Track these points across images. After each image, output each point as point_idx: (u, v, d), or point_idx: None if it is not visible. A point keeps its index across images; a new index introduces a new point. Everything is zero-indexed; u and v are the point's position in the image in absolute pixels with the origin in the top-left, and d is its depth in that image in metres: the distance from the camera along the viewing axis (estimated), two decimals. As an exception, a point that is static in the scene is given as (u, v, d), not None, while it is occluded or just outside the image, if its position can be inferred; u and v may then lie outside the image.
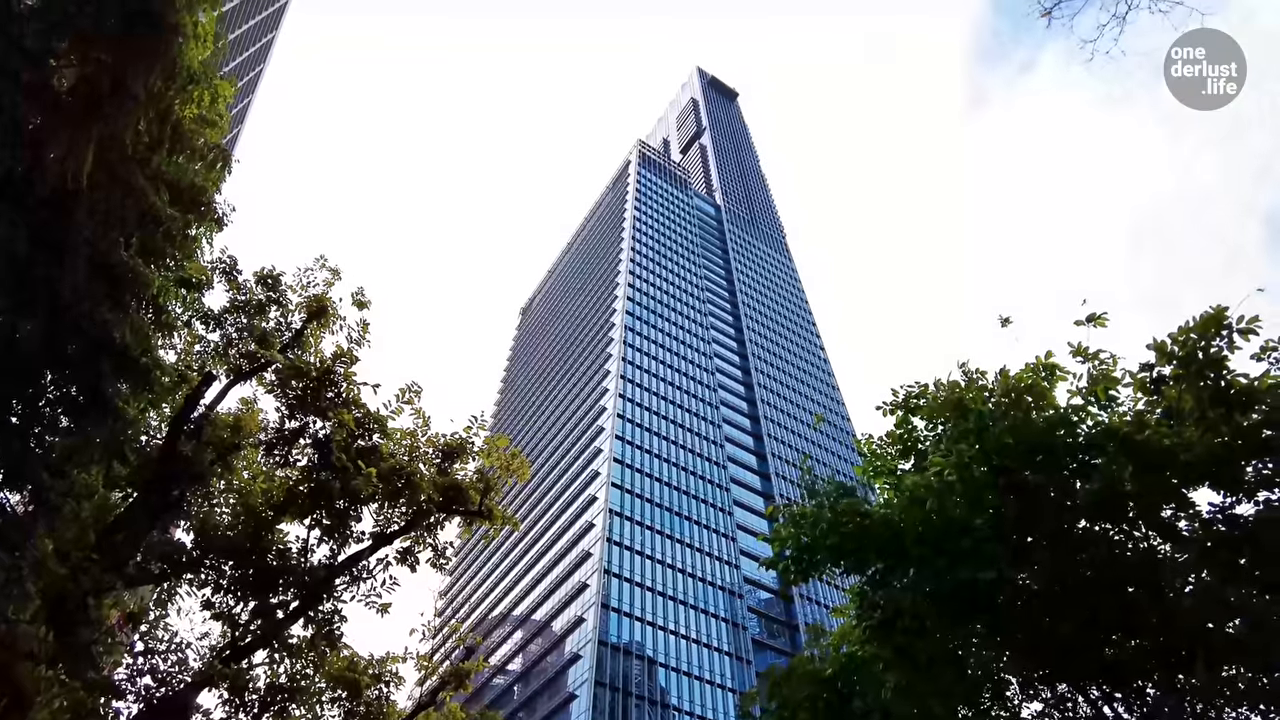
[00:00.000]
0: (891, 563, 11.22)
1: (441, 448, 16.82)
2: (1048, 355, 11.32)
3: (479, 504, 16.72)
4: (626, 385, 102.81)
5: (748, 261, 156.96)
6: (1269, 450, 9.72)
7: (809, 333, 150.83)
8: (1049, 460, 10.57)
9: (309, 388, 15.81)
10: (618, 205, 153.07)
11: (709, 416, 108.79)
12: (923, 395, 12.07)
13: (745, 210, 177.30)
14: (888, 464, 12.48)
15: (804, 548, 11.64)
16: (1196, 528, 10.26)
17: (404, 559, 17.01)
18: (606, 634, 73.33)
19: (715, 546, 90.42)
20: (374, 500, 16.22)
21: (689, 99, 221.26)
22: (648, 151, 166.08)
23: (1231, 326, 9.65)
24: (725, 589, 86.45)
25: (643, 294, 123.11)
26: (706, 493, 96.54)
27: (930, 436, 12.05)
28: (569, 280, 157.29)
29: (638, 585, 79.38)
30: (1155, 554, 10.46)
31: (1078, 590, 10.27)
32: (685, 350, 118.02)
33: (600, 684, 69.14)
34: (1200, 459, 9.76)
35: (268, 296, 15.73)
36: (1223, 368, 9.74)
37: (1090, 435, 10.66)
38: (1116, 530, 10.82)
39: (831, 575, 12.30)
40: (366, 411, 16.15)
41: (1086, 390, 10.95)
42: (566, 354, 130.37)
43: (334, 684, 16.39)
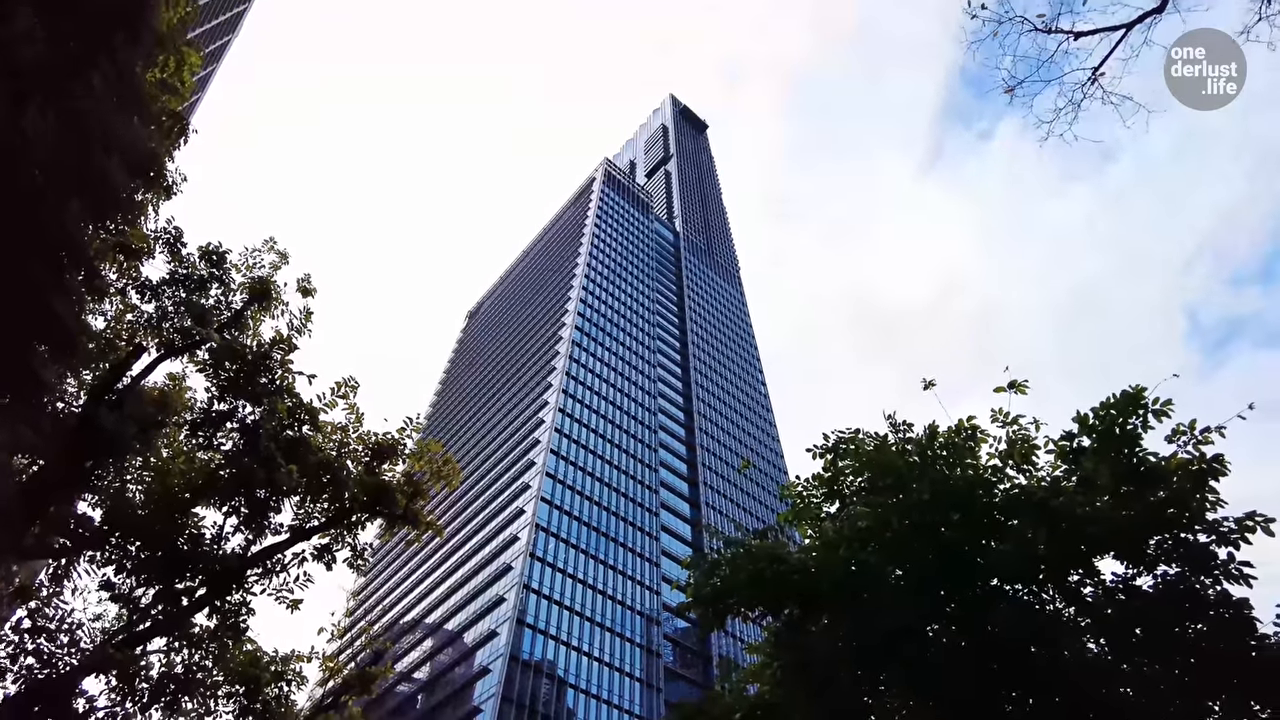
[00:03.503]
0: (808, 608, 11.38)
1: (372, 446, 16.49)
2: (970, 418, 11.74)
3: (404, 508, 16.43)
4: (567, 400, 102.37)
5: (700, 291, 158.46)
6: (1170, 527, 10.25)
7: (753, 368, 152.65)
8: (966, 518, 10.91)
9: (243, 371, 15.36)
10: (578, 220, 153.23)
11: (646, 440, 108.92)
12: (852, 442, 12.34)
13: (703, 240, 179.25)
14: (812, 509, 12.69)
15: (719, 593, 11.70)
16: (1100, 595, 10.70)
17: (321, 556, 16.57)
18: (519, 650, 72.27)
19: (638, 571, 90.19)
20: (297, 493, 15.80)
21: (659, 125, 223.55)
22: (614, 171, 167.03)
23: (1148, 406, 10.20)
24: (643, 614, 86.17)
25: (594, 311, 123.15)
26: (635, 516, 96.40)
27: (856, 484, 12.32)
28: (520, 289, 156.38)
29: (556, 603, 78.56)
30: (1059, 617, 10.86)
31: (984, 646, 10.58)
32: (630, 371, 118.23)
33: (507, 700, 67.99)
34: (1109, 530, 10.21)
35: (210, 273, 15.28)
36: (1137, 445, 10.25)
37: (1008, 497, 11.05)
38: (1025, 591, 11.21)
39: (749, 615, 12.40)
40: (299, 401, 15.77)
41: (1005, 453, 11.38)
42: (510, 363, 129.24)
43: (232, 679, 15.78)
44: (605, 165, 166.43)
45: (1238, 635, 9.38)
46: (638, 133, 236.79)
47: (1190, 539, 10.14)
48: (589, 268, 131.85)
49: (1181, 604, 9.92)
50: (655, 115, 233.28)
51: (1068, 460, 11.04)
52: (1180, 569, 10.26)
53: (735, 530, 12.68)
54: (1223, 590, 9.74)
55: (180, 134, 13.53)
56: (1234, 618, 9.42)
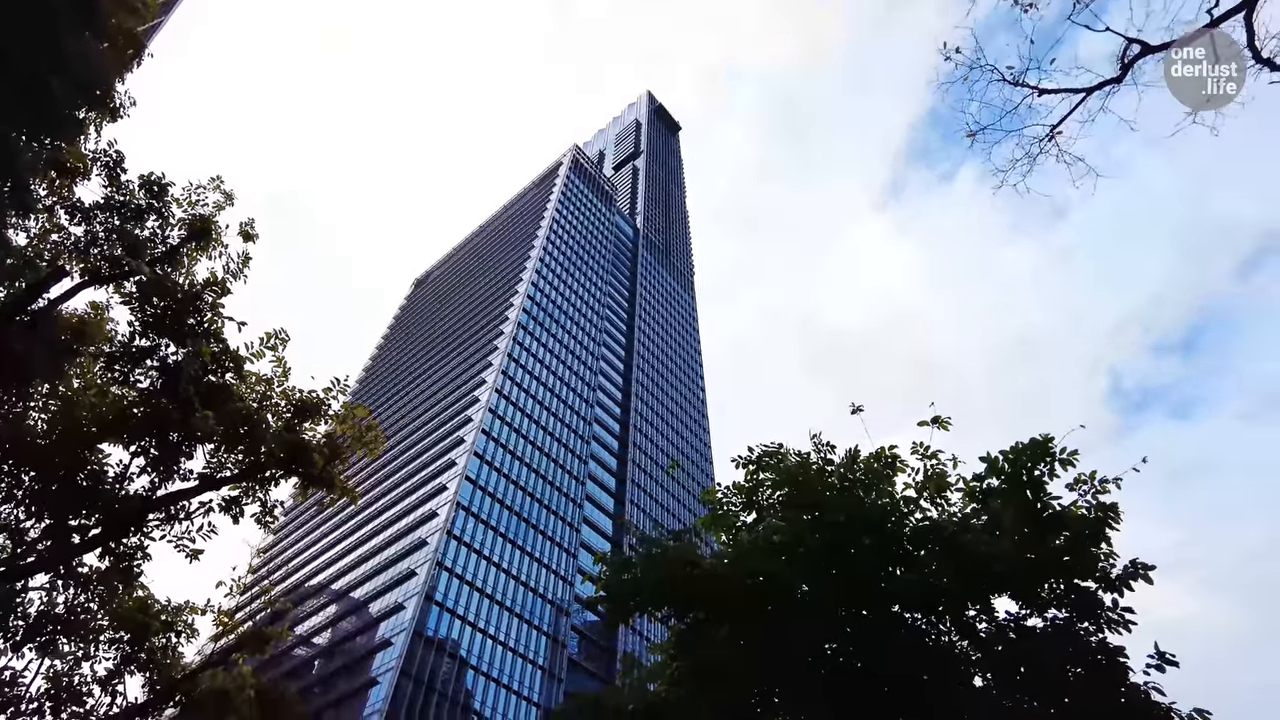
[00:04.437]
0: (714, 613, 11.52)
1: (296, 403, 16.08)
2: (892, 447, 12.07)
3: (321, 469, 16.07)
4: (505, 382, 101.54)
5: (653, 290, 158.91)
6: (1065, 572, 10.72)
7: (694, 373, 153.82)
8: (877, 544, 11.21)
9: (171, 309, 14.81)
10: (540, 202, 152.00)
11: (580, 431, 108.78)
12: (775, 456, 12.55)
13: (661, 240, 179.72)
14: (730, 517, 12.85)
15: (629, 589, 11.76)
16: (993, 631, 11.12)
17: (229, 508, 16.10)
18: (424, 626, 71.45)
19: (555, 560, 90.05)
20: (212, 441, 15.32)
21: (633, 119, 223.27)
22: (582, 159, 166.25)
23: (1055, 455, 10.67)
24: (554, 604, 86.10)
25: (543, 295, 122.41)
26: (559, 505, 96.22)
27: (775, 497, 12.53)
28: (472, 264, 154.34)
29: (467, 583, 77.91)
30: (953, 649, 11.24)
31: (879, 668, 10.88)
32: (572, 360, 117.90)
33: (406, 674, 67.16)
34: (1010, 570, 10.62)
35: (149, 204, 14.69)
36: (1042, 490, 10.69)
37: (918, 527, 11.39)
38: (924, 621, 11.57)
39: (656, 615, 12.47)
40: (226, 348, 15.28)
41: (921, 485, 11.73)
42: (451, 337, 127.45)
43: (118, 624, 15.24)
44: (574, 151, 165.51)
45: (1111, 682, 9.85)
46: (610, 124, 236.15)
47: (1081, 585, 10.62)
48: (544, 252, 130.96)
49: (1066, 647, 10.37)
50: (630, 110, 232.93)
51: (977, 499, 11.44)
52: (1069, 613, 10.73)
53: (656, 529, 12.75)
54: (1103, 638, 10.23)
55: (135, 56, 12.99)
56: (1109, 664, 9.89)
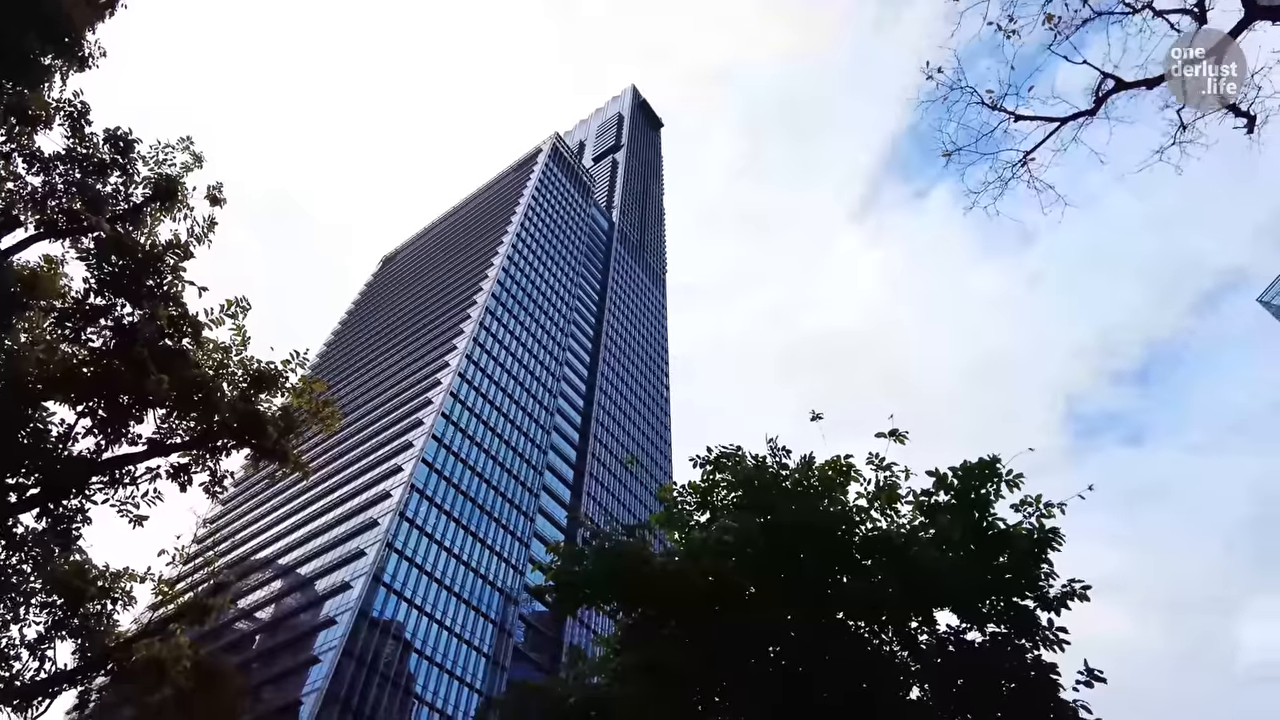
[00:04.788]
0: (662, 610, 11.60)
1: (253, 373, 15.77)
2: (847, 457, 12.25)
3: (275, 442, 15.81)
4: (469, 366, 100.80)
5: (624, 284, 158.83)
6: (1007, 590, 10.99)
7: (660, 370, 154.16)
8: (827, 550, 11.37)
9: (129, 268, 14.45)
10: (516, 187, 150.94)
11: (541, 421, 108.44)
12: (732, 458, 12.67)
13: (636, 235, 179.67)
14: (684, 515, 12.94)
15: (579, 581, 11.78)
16: (933, 643, 11.36)
17: (177, 475, 15.75)
18: (370, 606, 70.77)
19: (507, 548, 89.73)
20: (164, 406, 14.98)
21: (616, 112, 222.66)
22: (562, 148, 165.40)
23: (1002, 476, 10.93)
24: (503, 592, 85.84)
25: (513, 282, 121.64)
26: (515, 494, 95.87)
27: (729, 499, 12.64)
28: (442, 245, 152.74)
29: (417, 566, 77.29)
30: (894, 659, 11.45)
31: (821, 675, 11.05)
32: (538, 349, 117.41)
33: (349, 654, 66.49)
34: (954, 585, 10.85)
35: (113, 159, 14.31)
36: (988, 509, 10.95)
37: (867, 537, 11.58)
38: (868, 629, 11.77)
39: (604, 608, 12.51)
40: (184, 313, 14.95)
41: (873, 496, 11.93)
42: (417, 318, 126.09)
43: (52, 588, 14.85)
44: (554, 140, 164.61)
45: (1042, 698, 10.14)
46: (592, 115, 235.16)
47: (1020, 603, 10.90)
48: (518, 238, 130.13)
49: (1002, 662, 10.65)
50: (614, 102, 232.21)
51: (926, 513, 11.67)
52: (1007, 629, 11.01)
53: (611, 523, 12.77)
54: (1038, 655, 10.51)
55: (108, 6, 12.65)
56: (1041, 681, 10.18)
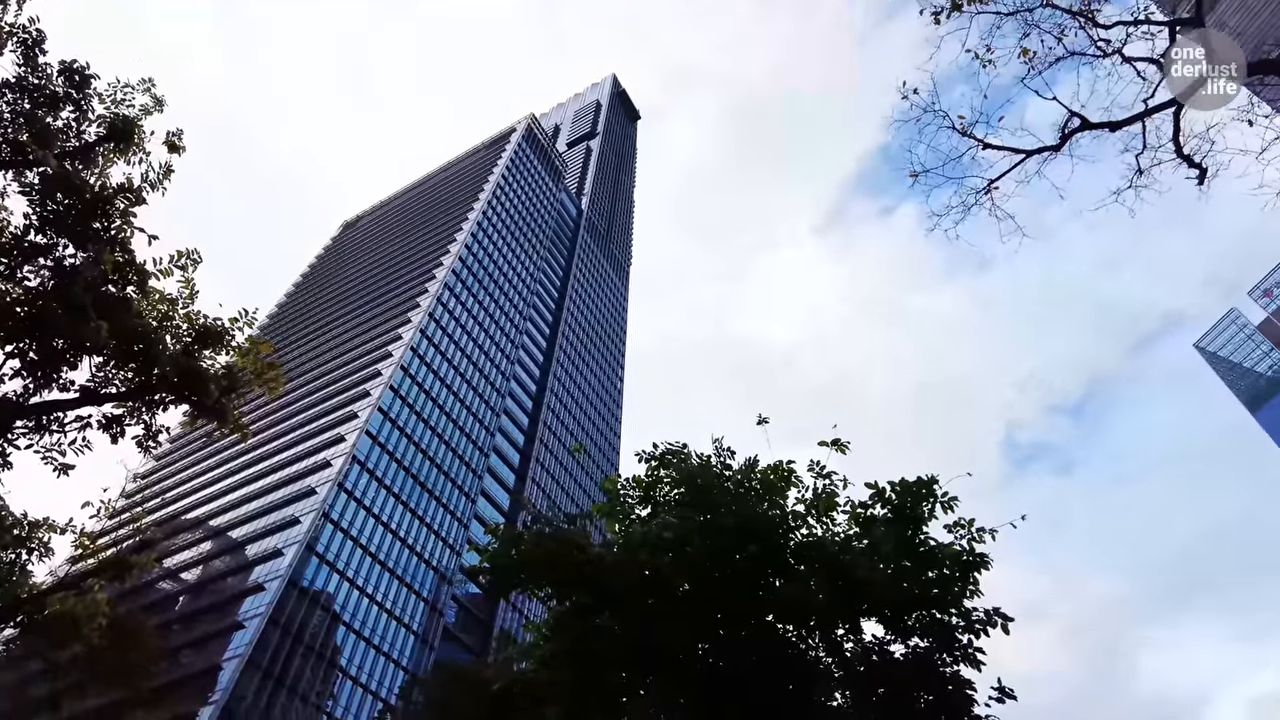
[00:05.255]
0: (596, 600, 11.63)
1: (198, 328, 15.28)
2: (789, 462, 12.42)
3: (215, 400, 15.38)
4: (422, 341, 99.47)
5: (587, 273, 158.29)
6: (932, 606, 11.26)
7: (616, 362, 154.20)
8: (762, 553, 11.52)
9: (75, 208, 13.88)
10: (486, 165, 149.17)
11: (491, 402, 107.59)
12: (677, 456, 12.75)
13: (604, 225, 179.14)
14: (626, 508, 12.98)
15: (514, 565, 11.75)
16: (858, 652, 11.59)
17: (109, 426, 15.21)
18: (300, 576, 69.55)
19: (445, 527, 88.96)
20: (101, 354, 14.45)
21: (594, 100, 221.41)
22: (536, 130, 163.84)
23: (938, 496, 11.21)
24: (438, 570, 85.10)
25: (475, 260, 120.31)
26: (458, 474, 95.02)
27: (671, 495, 12.72)
28: (406, 216, 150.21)
29: (352, 539, 76.15)
30: (818, 664, 11.66)
31: (747, 675, 11.19)
32: (494, 330, 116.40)
33: (274, 622, 65.28)
34: (882, 596, 11.09)
35: (68, 93, 13.73)
36: (922, 526, 11.21)
37: (802, 543, 11.76)
38: (795, 633, 11.96)
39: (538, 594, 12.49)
40: (131, 260, 14.43)
41: (811, 502, 12.12)
42: (373, 287, 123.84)
43: (-35, 532, 14.28)
44: (529, 121, 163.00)
45: (957, 711, 10.44)
46: (570, 100, 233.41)
47: (944, 619, 11.19)
48: (484, 216, 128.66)
49: (922, 675, 10.92)
50: (593, 89, 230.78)
51: (861, 524, 11.89)
52: (930, 643, 11.29)
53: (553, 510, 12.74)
54: (956, 670, 10.81)
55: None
56: (958, 694, 10.48)
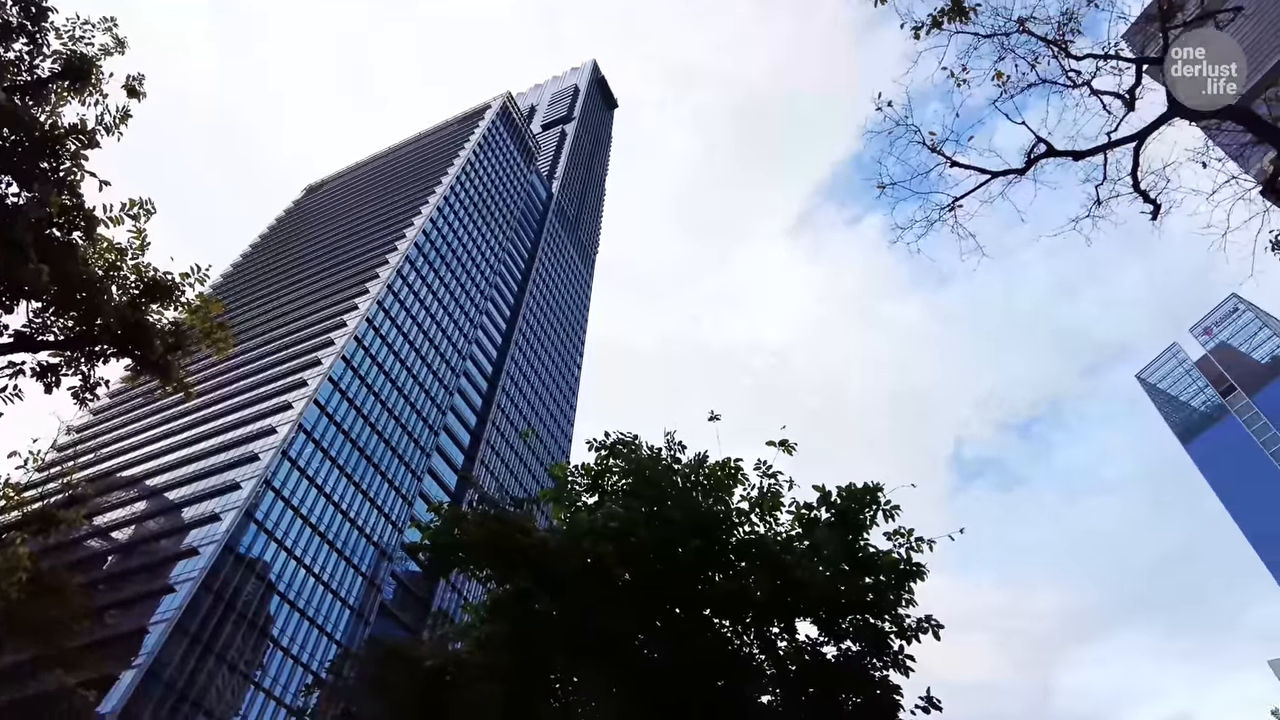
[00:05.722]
0: (536, 585, 11.60)
1: (147, 280, 14.77)
2: (738, 460, 12.54)
3: (159, 356, 14.92)
4: (378, 313, 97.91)
5: (553, 257, 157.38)
6: (867, 611, 11.47)
7: (575, 349, 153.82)
8: (704, 547, 11.61)
9: (22, 145, 13.31)
10: (458, 139, 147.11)
11: (445, 380, 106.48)
12: (629, 445, 12.77)
13: (573, 211, 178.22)
14: (573, 495, 12.97)
15: (456, 544, 11.67)
16: (791, 651, 11.76)
17: (44, 375, 14.65)
18: (237, 542, 68.17)
19: (389, 503, 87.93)
20: (40, 299, 13.92)
21: (573, 84, 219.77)
22: (512, 109, 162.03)
23: (881, 503, 11.42)
24: (379, 546, 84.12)
25: (440, 234, 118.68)
26: (406, 450, 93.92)
27: (619, 485, 12.74)
28: (372, 185, 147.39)
29: (292, 508, 74.83)
30: (751, 661, 11.80)
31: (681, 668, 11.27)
32: (454, 308, 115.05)
33: (206, 587, 63.88)
34: (819, 597, 11.26)
35: (22, 24, 13.15)
36: (864, 532, 11.41)
37: (744, 540, 11.88)
38: (731, 629, 12.08)
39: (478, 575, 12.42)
40: (80, 204, 13.89)
41: (756, 501, 12.25)
42: (333, 254, 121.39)
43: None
44: (505, 99, 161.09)
45: (883, 714, 10.67)
46: (549, 82, 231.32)
47: (878, 625, 11.40)
48: (451, 190, 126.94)
49: (852, 678, 11.13)
50: (572, 73, 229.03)
51: (804, 525, 12.05)
52: (862, 647, 11.51)
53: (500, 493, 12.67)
54: (885, 675, 11.04)
55: None
56: (885, 699, 10.71)
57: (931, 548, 11.38)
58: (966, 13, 11.90)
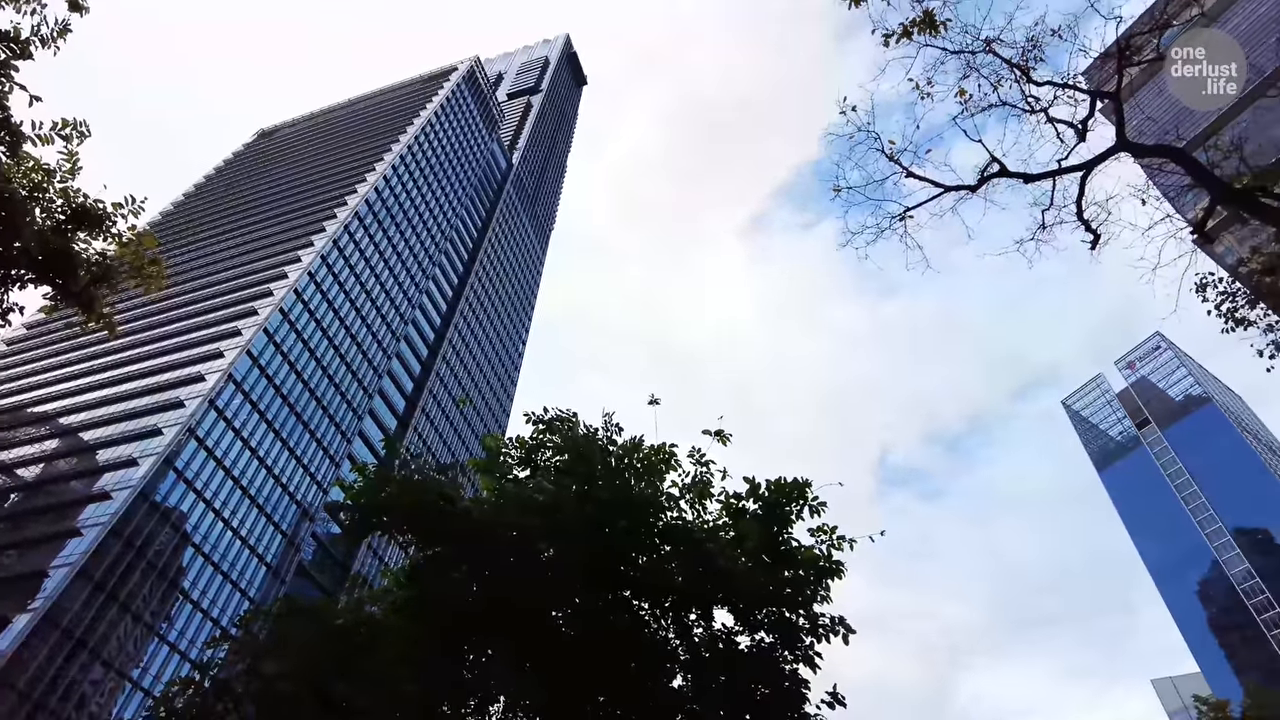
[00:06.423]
0: (457, 553, 11.48)
1: (75, 206, 14.02)
2: (673, 445, 12.61)
3: (83, 288, 14.22)
4: (322, 268, 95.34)
5: (507, 229, 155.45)
6: (783, 604, 11.67)
7: (521, 324, 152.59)
8: (631, 529, 11.65)
9: (-54, 48, 12.47)
10: (420, 99, 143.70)
11: (385, 343, 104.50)
12: (566, 422, 12.74)
13: (532, 184, 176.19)
14: (504, 466, 12.87)
15: (378, 507, 11.49)
16: (706, 638, 11.90)
17: (-47, 296, 13.85)
18: (153, 490, 65.88)
19: (316, 463, 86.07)
20: (-47, 215, 13.10)
21: (543, 56, 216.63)
22: (479, 74, 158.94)
23: (808, 500, 11.60)
24: (301, 505, 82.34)
25: (392, 194, 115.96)
26: (338, 411, 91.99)
27: (552, 461, 12.70)
28: (327, 136, 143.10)
29: (215, 459, 72.61)
30: (666, 645, 11.91)
31: (595, 646, 11.31)
32: (400, 271, 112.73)
33: (116, 534, 61.63)
34: (739, 587, 11.39)
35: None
36: (788, 526, 11.58)
37: (671, 525, 11.97)
38: (650, 613, 12.16)
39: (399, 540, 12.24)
40: (6, 118, 13.10)
41: (687, 488, 12.35)
42: (279, 203, 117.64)
43: None
44: (473, 63, 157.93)
45: (790, 706, 10.88)
46: (519, 51, 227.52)
47: (793, 619, 11.61)
48: (409, 150, 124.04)
49: (763, 669, 11.31)
50: (544, 45, 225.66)
51: (731, 516, 12.19)
52: (775, 640, 11.70)
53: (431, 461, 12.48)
54: (795, 669, 11.26)
55: None
56: (793, 692, 10.92)
57: (852, 547, 11.63)
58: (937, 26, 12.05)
